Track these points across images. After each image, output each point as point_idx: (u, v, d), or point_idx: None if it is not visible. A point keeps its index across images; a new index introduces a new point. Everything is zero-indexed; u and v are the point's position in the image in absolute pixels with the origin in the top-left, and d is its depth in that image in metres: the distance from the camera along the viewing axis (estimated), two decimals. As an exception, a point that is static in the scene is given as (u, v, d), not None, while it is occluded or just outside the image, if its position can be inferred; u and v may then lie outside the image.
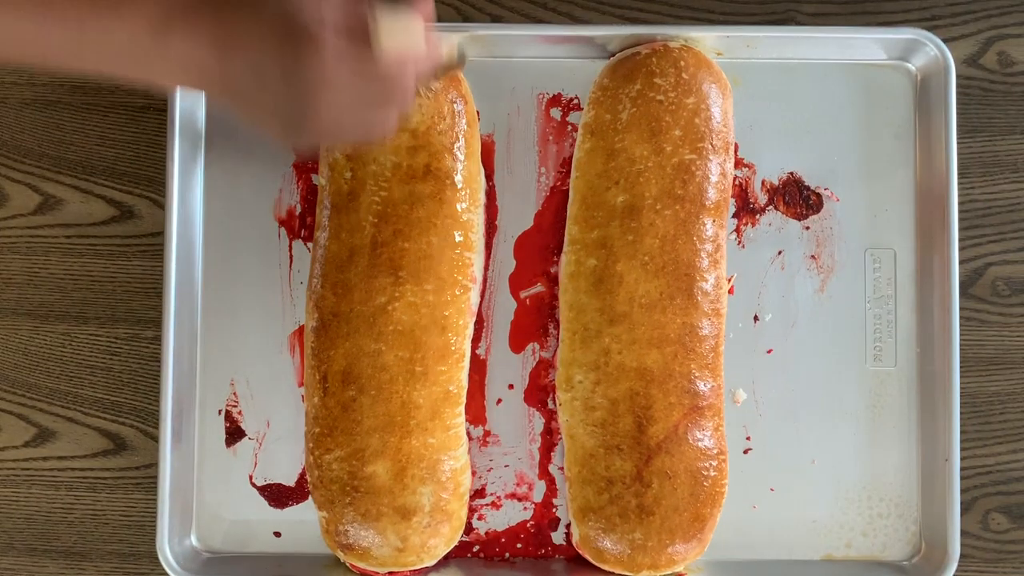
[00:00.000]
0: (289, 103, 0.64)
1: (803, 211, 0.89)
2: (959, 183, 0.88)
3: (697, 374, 0.83)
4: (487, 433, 0.88)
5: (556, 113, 0.89)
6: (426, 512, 0.82)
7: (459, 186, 0.84)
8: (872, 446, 0.88)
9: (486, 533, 0.88)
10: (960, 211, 0.89)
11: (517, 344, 0.88)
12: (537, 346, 0.88)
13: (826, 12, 0.92)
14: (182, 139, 0.86)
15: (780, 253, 0.89)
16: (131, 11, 0.63)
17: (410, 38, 0.65)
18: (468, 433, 0.87)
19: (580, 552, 0.86)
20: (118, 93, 0.91)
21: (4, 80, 0.91)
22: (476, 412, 0.88)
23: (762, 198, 0.89)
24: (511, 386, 0.88)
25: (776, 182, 0.89)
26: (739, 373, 0.88)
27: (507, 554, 0.88)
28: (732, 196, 0.88)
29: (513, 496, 0.88)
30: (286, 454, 0.88)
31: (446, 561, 0.87)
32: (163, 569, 0.84)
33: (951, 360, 0.85)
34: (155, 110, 0.91)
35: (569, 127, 0.89)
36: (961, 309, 0.88)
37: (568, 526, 0.88)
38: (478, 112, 0.88)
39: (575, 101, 0.89)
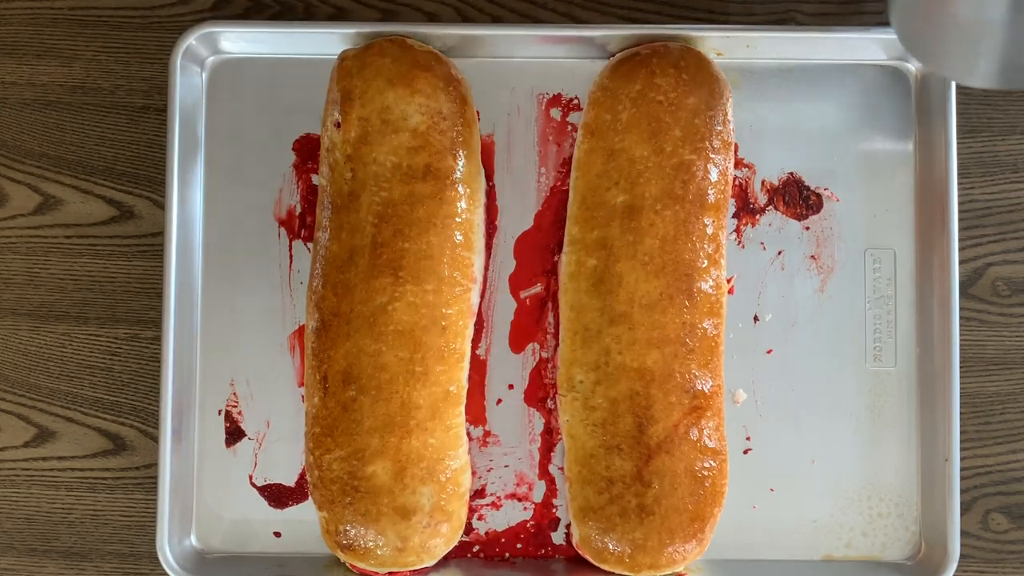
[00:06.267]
0: None
1: (803, 211, 0.89)
2: (959, 183, 0.88)
3: (697, 374, 0.83)
4: (487, 433, 0.88)
5: (556, 113, 0.89)
6: (426, 512, 0.82)
7: (459, 186, 0.84)
8: (872, 446, 0.88)
9: (486, 533, 0.88)
10: (960, 211, 0.89)
11: (517, 344, 0.88)
12: (537, 346, 0.88)
13: (826, 12, 0.92)
14: (182, 139, 0.86)
15: (780, 253, 0.89)
16: None
17: None
18: (468, 433, 0.87)
19: (580, 552, 0.86)
20: (118, 93, 0.91)
21: (4, 80, 0.91)
22: (476, 412, 0.88)
23: (762, 198, 0.89)
24: (511, 386, 0.88)
25: (776, 182, 0.89)
26: (739, 373, 0.88)
27: (507, 554, 0.88)
28: (732, 196, 0.88)
29: (513, 496, 0.88)
30: (286, 454, 0.88)
31: (446, 561, 0.87)
32: (163, 569, 0.84)
33: (951, 360, 0.85)
34: (155, 110, 0.91)
35: (569, 127, 0.89)
36: (961, 309, 0.88)
37: (568, 526, 0.88)
38: (478, 112, 0.88)
39: (575, 101, 0.89)
